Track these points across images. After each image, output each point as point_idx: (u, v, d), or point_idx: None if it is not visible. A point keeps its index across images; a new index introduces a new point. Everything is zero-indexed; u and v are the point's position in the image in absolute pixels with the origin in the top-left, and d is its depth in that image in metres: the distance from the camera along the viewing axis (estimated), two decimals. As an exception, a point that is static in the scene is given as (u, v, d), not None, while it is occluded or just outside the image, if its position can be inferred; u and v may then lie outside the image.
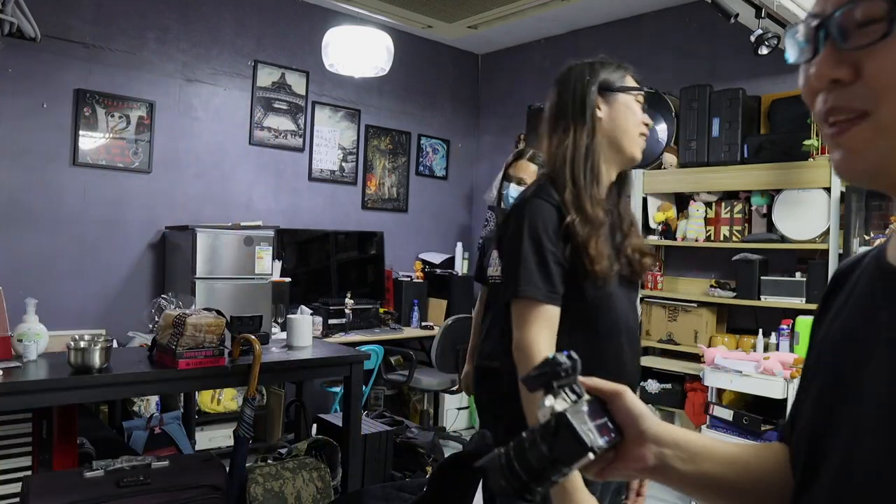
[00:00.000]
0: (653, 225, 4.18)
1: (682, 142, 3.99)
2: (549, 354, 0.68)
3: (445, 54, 5.59)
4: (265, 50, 4.58)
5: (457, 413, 4.92)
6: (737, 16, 2.94)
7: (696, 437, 0.73)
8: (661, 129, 4.01)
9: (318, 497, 2.53)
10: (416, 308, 4.91)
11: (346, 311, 4.42)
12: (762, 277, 3.69)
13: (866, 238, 3.37)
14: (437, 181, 5.64)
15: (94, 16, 3.90)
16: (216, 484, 2.17)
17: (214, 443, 3.88)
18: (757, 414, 3.30)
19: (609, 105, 1.46)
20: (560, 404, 0.66)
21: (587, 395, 0.69)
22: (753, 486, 0.72)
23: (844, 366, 0.58)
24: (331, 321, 4.32)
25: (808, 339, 0.69)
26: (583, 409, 0.67)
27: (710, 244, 3.97)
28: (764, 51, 2.94)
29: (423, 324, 4.88)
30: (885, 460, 0.51)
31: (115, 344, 2.43)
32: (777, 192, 3.68)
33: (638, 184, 4.09)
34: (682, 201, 4.18)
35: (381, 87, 5.16)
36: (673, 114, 4.00)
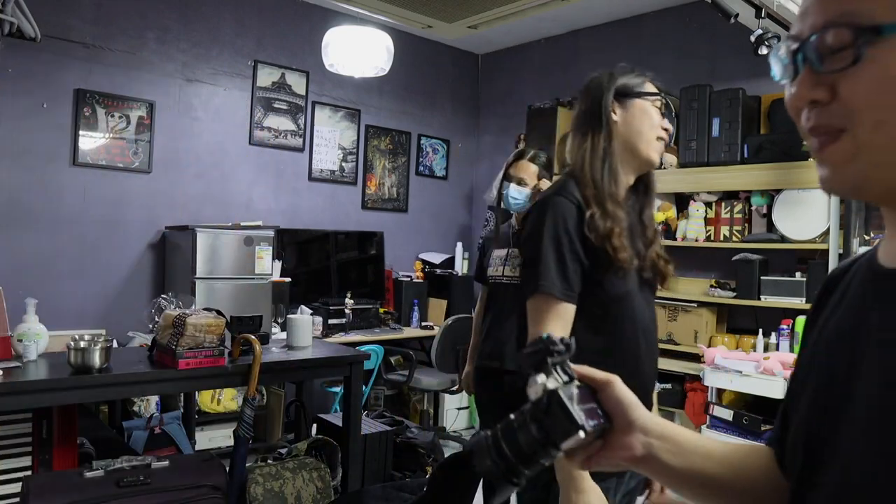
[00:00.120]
0: (653, 225, 4.17)
1: (682, 142, 3.99)
2: (544, 334, 0.68)
3: (445, 54, 5.59)
4: (265, 50, 4.58)
5: (457, 413, 4.93)
6: (737, 16, 2.94)
7: (684, 431, 0.73)
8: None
9: (318, 497, 2.53)
10: (416, 308, 4.91)
11: (346, 311, 4.42)
12: (762, 277, 3.69)
13: (866, 238, 3.37)
14: (437, 181, 5.64)
15: (94, 16, 3.90)
16: (216, 484, 2.17)
17: (214, 443, 3.88)
18: (757, 414, 3.30)
19: (625, 110, 1.52)
20: (552, 383, 0.66)
21: (578, 382, 0.69)
22: (740, 485, 0.72)
23: (838, 366, 0.59)
24: (331, 321, 4.32)
25: (800, 345, 0.70)
26: (573, 390, 0.67)
27: (710, 244, 3.97)
28: (764, 51, 2.93)
29: (423, 324, 4.88)
30: (879, 461, 0.52)
31: (115, 344, 2.43)
32: (777, 192, 3.68)
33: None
34: (682, 201, 4.18)
35: (381, 87, 5.16)
36: (673, 114, 4.00)
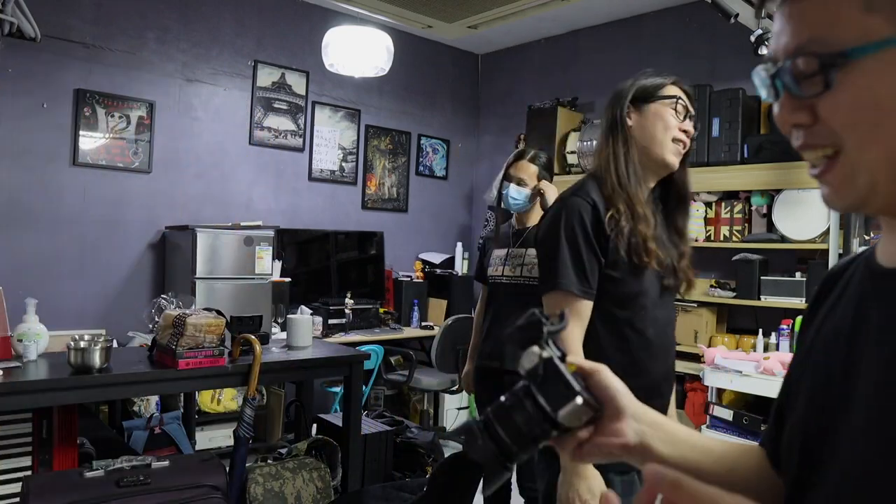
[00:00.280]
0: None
1: (682, 142, 3.99)
2: (536, 310, 0.69)
3: (445, 54, 5.59)
4: (265, 50, 4.58)
5: (457, 413, 4.92)
6: (737, 16, 2.94)
7: (674, 424, 0.73)
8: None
9: (318, 497, 2.53)
10: (416, 308, 4.91)
11: (346, 311, 4.42)
12: (762, 277, 3.69)
13: (866, 238, 3.37)
14: (437, 181, 5.64)
15: (94, 16, 3.90)
16: (216, 484, 2.17)
17: (214, 443, 3.88)
18: (757, 414, 3.30)
19: (640, 115, 1.58)
20: (548, 353, 0.66)
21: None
22: (734, 482, 0.71)
23: (836, 366, 0.59)
24: (331, 321, 4.32)
25: (797, 343, 0.70)
26: (566, 366, 0.67)
27: (710, 244, 3.97)
28: (764, 51, 2.93)
29: (423, 324, 4.88)
30: (878, 461, 0.51)
31: (115, 344, 2.43)
32: (777, 192, 3.68)
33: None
34: (682, 201, 4.17)
35: (381, 87, 5.16)
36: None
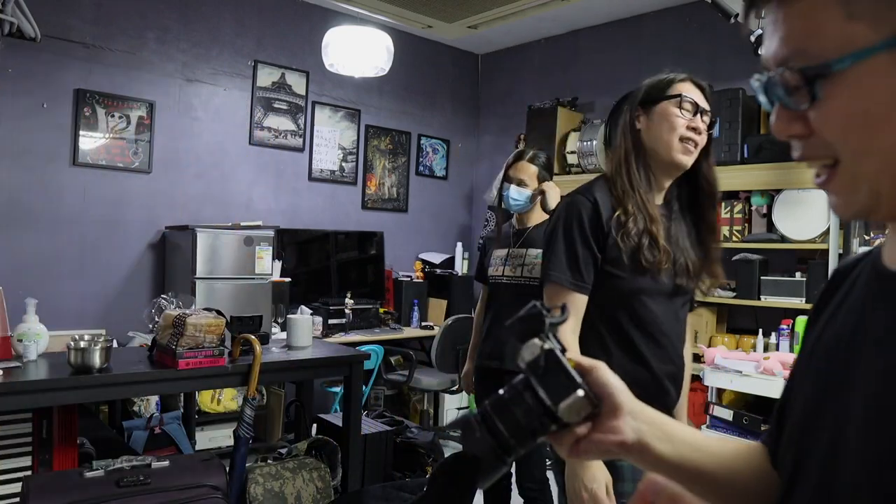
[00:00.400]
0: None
1: (682, 142, 3.99)
2: (538, 302, 0.68)
3: (445, 54, 5.59)
4: (265, 50, 4.58)
5: (457, 413, 4.92)
6: (737, 16, 2.93)
7: (674, 422, 0.72)
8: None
9: (318, 497, 2.53)
10: (416, 308, 4.91)
11: (346, 311, 4.42)
12: (762, 277, 3.69)
13: (866, 238, 3.37)
14: (437, 181, 5.64)
15: (94, 16, 3.90)
16: (216, 484, 2.17)
17: (214, 443, 3.88)
18: (757, 414, 3.30)
19: (648, 117, 1.59)
20: (549, 345, 0.65)
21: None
22: (732, 481, 0.71)
23: (836, 367, 0.58)
24: (331, 321, 4.32)
25: (801, 341, 0.69)
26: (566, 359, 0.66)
27: (710, 244, 3.97)
28: (764, 51, 2.93)
29: (423, 324, 4.88)
30: (873, 460, 0.50)
31: (115, 344, 2.43)
32: (777, 192, 3.68)
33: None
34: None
35: (381, 87, 5.16)
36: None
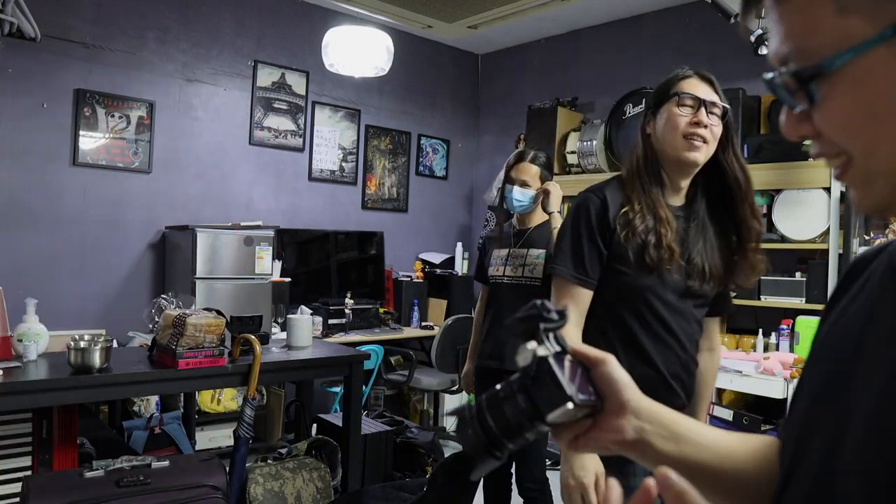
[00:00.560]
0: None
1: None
2: (538, 301, 0.66)
3: (445, 54, 5.59)
4: (265, 50, 4.58)
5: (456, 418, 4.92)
6: (737, 16, 2.94)
7: (682, 419, 0.70)
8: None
9: (318, 497, 2.53)
10: (416, 308, 4.91)
11: (346, 311, 4.41)
12: (762, 277, 3.69)
13: (866, 238, 3.37)
14: (437, 181, 5.64)
15: (94, 16, 3.90)
16: (216, 484, 2.17)
17: (214, 443, 3.88)
18: (757, 414, 3.30)
19: (656, 118, 1.61)
20: (543, 350, 0.63)
21: (570, 356, 0.66)
22: (737, 477, 0.70)
23: (842, 363, 0.57)
24: (331, 321, 4.32)
25: (815, 330, 0.67)
26: (565, 362, 0.64)
27: (710, 244, 3.96)
28: (764, 51, 2.93)
29: (423, 324, 4.88)
30: (874, 459, 0.49)
31: (115, 344, 2.43)
32: (777, 192, 3.68)
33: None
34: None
35: (381, 87, 5.16)
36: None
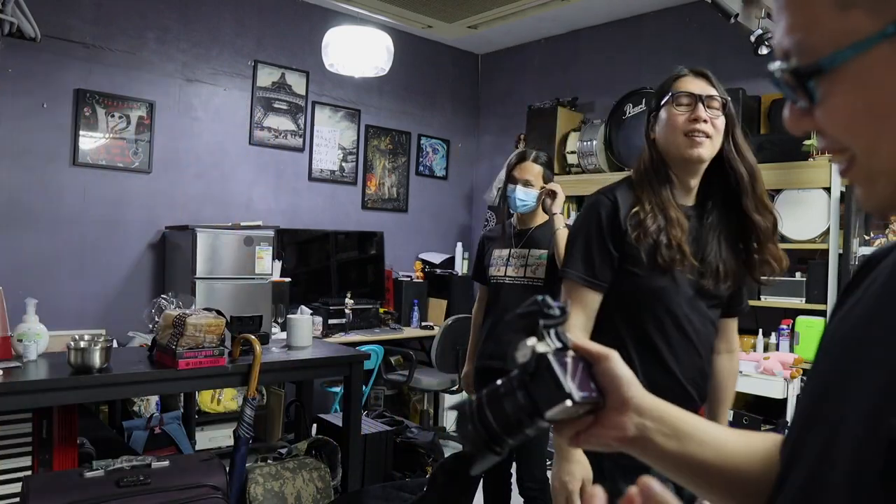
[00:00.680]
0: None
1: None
2: (539, 297, 0.65)
3: (445, 54, 5.59)
4: (265, 50, 4.58)
5: (457, 413, 4.92)
6: (737, 16, 2.94)
7: (686, 416, 0.70)
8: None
9: (318, 497, 2.53)
10: (416, 308, 4.91)
11: (346, 311, 4.42)
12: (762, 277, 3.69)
13: (866, 238, 3.37)
14: (437, 181, 5.64)
15: (94, 16, 3.90)
16: (216, 484, 2.17)
17: (214, 443, 3.88)
18: (757, 414, 3.30)
19: (657, 122, 1.61)
20: (543, 347, 0.63)
21: (573, 352, 0.65)
22: (737, 474, 0.69)
23: (842, 363, 0.57)
24: (331, 321, 4.32)
25: (823, 329, 0.66)
26: (566, 359, 0.64)
27: (710, 244, 3.96)
28: (764, 51, 2.93)
29: (423, 324, 4.88)
30: (872, 459, 0.49)
31: (115, 344, 2.43)
32: (777, 192, 3.67)
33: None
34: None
35: (381, 87, 5.16)
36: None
